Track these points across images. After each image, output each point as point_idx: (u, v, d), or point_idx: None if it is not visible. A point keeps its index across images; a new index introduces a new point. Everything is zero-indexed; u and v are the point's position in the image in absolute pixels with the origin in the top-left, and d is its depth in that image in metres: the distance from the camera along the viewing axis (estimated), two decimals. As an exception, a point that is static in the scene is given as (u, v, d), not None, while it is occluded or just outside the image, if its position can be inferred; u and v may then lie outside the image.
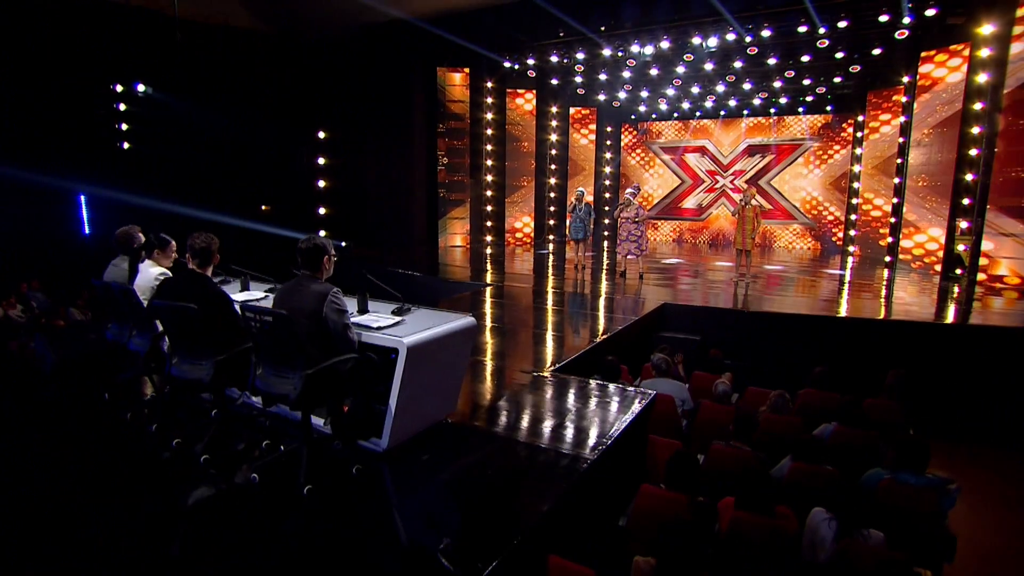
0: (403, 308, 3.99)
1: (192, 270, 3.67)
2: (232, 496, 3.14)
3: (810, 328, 7.42)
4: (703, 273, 11.97)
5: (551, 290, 9.54)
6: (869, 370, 6.05)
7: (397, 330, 3.54)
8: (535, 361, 5.72)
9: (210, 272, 3.74)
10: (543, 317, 7.71)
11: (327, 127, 14.46)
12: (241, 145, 13.14)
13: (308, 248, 3.40)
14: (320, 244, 3.42)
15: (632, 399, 4.65)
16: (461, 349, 3.92)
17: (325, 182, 14.57)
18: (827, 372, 5.53)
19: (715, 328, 7.82)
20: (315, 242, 3.41)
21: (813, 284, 10.96)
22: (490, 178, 15.18)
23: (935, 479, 3.57)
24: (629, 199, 10.20)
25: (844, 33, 10.89)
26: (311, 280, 3.36)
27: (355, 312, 3.91)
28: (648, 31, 12.08)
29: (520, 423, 4.20)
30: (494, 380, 5.28)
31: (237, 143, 12.98)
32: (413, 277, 10.58)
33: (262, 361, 3.26)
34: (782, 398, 5.08)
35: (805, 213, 15.70)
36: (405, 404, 3.51)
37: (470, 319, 3.89)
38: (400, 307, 4.00)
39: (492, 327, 7.09)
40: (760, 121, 16.06)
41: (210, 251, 3.70)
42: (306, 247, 3.40)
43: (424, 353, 3.53)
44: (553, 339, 6.54)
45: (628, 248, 10.23)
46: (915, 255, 11.39)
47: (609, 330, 6.70)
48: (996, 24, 9.45)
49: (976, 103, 9.89)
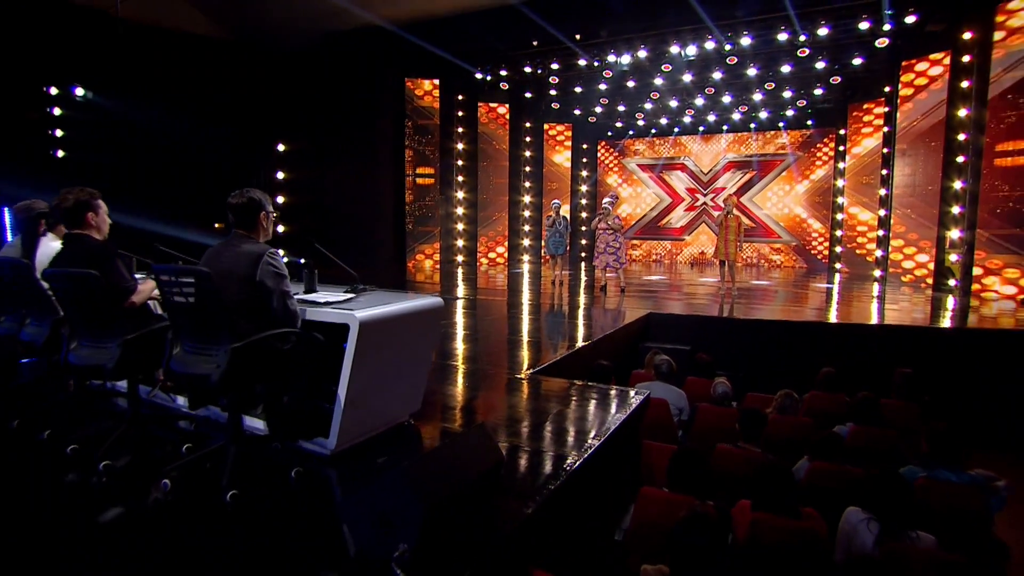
0: (358, 287, 3.54)
1: (75, 233, 3.15)
2: (135, 509, 2.59)
3: (806, 335, 7.13)
4: (686, 287, 11.72)
5: (527, 303, 9.13)
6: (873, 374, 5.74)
7: (349, 305, 3.08)
8: (511, 365, 5.26)
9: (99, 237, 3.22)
10: (518, 326, 7.27)
11: (287, 140, 14.04)
12: (193, 157, 12.60)
13: (241, 203, 2.95)
14: (256, 198, 2.98)
15: (624, 399, 4.22)
16: (426, 333, 3.47)
17: (284, 198, 14.06)
18: (834, 374, 5.20)
19: (705, 337, 7.48)
20: (249, 195, 2.97)
21: (802, 296, 10.78)
22: (461, 195, 14.88)
23: (978, 476, 3.20)
24: (607, 208, 9.95)
25: (825, 41, 11.00)
26: (244, 240, 2.90)
27: (301, 293, 3.45)
28: (625, 40, 12.08)
29: (497, 424, 3.72)
30: (466, 382, 4.80)
31: (188, 155, 12.44)
32: (378, 293, 10.07)
33: (181, 337, 2.75)
34: (789, 398, 4.71)
35: (788, 231, 15.70)
36: (358, 396, 3.03)
37: (436, 299, 3.45)
38: (355, 286, 3.54)
39: (464, 335, 6.62)
40: (740, 136, 16.17)
41: (83, 207, 3.17)
42: (238, 202, 2.96)
43: (381, 333, 3.07)
44: (530, 346, 6.10)
45: (607, 260, 9.92)
46: (905, 268, 11.33)
47: (590, 338, 6.30)
48: (976, 31, 9.61)
49: (961, 109, 9.98)
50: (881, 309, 8.97)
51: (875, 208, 12.93)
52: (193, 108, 12.54)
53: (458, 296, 9.69)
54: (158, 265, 2.69)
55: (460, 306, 8.71)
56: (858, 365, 6.12)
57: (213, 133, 12.72)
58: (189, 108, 12.45)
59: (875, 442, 3.96)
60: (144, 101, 11.57)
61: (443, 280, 12.67)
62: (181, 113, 12.18)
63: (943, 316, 8.09)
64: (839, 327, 7.29)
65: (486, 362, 5.40)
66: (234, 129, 13.27)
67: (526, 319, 7.71)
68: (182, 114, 12.19)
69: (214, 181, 13.20)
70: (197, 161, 12.69)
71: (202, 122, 12.54)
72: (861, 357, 6.52)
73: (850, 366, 5.99)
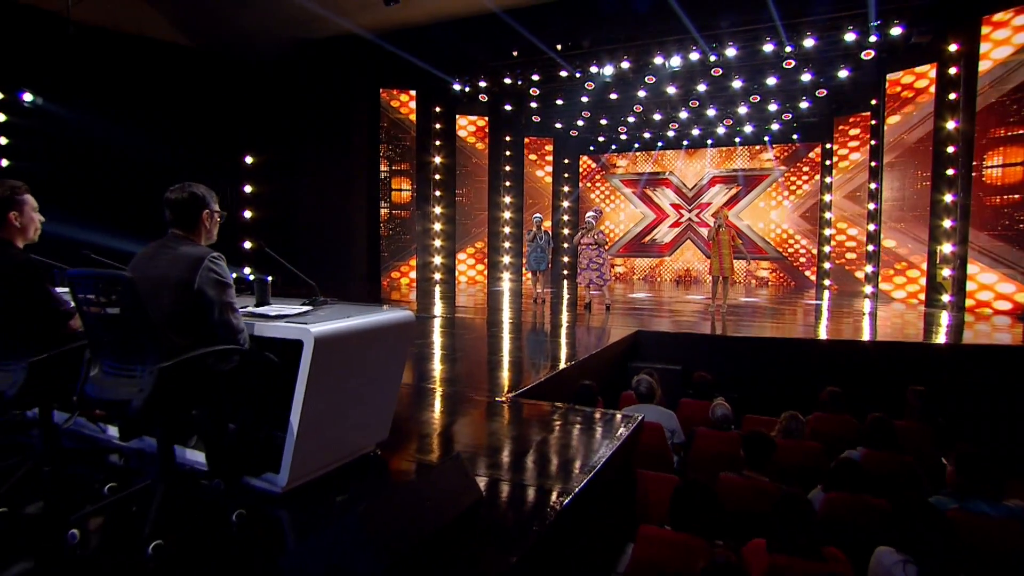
0: (317, 300, 3.18)
1: None
2: (32, 570, 2.18)
3: (804, 352, 6.91)
4: (673, 305, 11.49)
5: (508, 321, 8.80)
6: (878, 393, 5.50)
7: (304, 319, 2.73)
8: (491, 387, 4.91)
9: (21, 244, 2.83)
10: (499, 346, 6.93)
11: (255, 152, 13.65)
12: (153, 168, 12.12)
13: (181, 198, 2.60)
14: (199, 193, 2.64)
15: (615, 424, 3.89)
16: (394, 351, 3.11)
17: (252, 212, 13.63)
18: (839, 394, 4.93)
19: (698, 356, 7.20)
20: (191, 189, 2.62)
21: (793, 313, 10.61)
22: (439, 210, 14.58)
23: (1016, 508, 2.91)
24: (590, 223, 9.71)
25: (810, 53, 11.00)
26: (182, 241, 2.54)
27: (252, 306, 3.08)
28: (608, 50, 11.99)
29: (475, 453, 3.37)
30: (442, 406, 4.44)
31: (148, 167, 11.97)
32: (349, 311, 9.66)
33: (100, 357, 2.37)
34: (795, 420, 4.42)
35: (775, 247, 15.64)
36: (314, 424, 2.67)
37: (405, 312, 3.11)
38: (314, 299, 3.19)
39: (441, 355, 6.26)
40: (725, 151, 16.16)
41: (1, 205, 2.78)
42: (177, 197, 2.60)
43: (340, 350, 2.71)
44: (511, 366, 5.76)
45: (590, 277, 9.66)
46: (896, 283, 11.25)
47: (575, 357, 5.97)
48: (962, 42, 9.65)
49: (948, 121, 9.98)
50: (877, 326, 8.81)
51: (863, 223, 12.90)
52: (154, 117, 12.12)
53: (435, 315, 9.34)
54: (73, 270, 2.32)
55: (437, 325, 8.34)
56: (861, 384, 5.87)
57: (176, 144, 12.29)
58: (150, 117, 12.03)
59: (892, 469, 3.68)
60: (100, 109, 11.13)
61: (419, 298, 12.29)
62: (141, 122, 11.75)
63: (943, 332, 7.94)
64: (839, 344, 7.06)
65: (464, 384, 5.05)
66: (198, 140, 12.86)
67: (507, 338, 7.37)
68: (142, 123, 11.76)
69: (176, 195, 12.76)
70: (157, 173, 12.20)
71: (164, 132, 12.11)
72: (864, 376, 6.29)
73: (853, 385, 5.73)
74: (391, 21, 12.36)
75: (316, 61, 13.44)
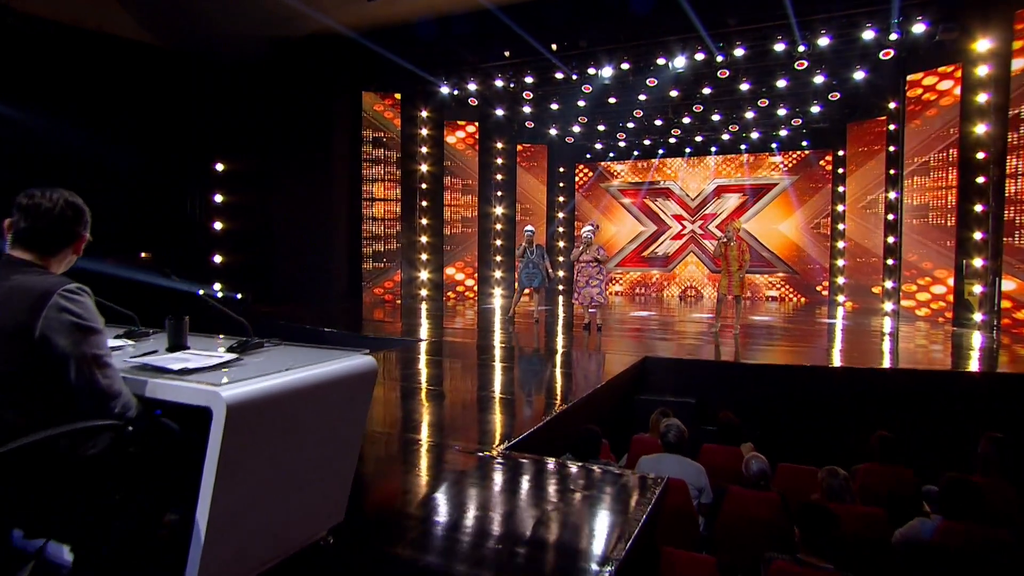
0: (248, 343, 2.48)
1: None
2: None
3: (837, 384, 6.23)
4: (679, 325, 10.85)
5: (499, 346, 8.11)
6: (934, 434, 4.85)
7: (219, 375, 2.03)
8: (481, 435, 4.23)
9: None
10: (490, 377, 6.24)
11: (227, 158, 12.97)
12: (114, 176, 11.44)
13: (48, 208, 1.89)
14: (79, 206, 1.95)
15: (633, 490, 3.21)
16: (349, 411, 2.42)
17: (223, 224, 12.91)
18: (892, 441, 4.26)
19: (713, 387, 6.55)
20: (68, 199, 1.92)
21: (812, 334, 10.00)
22: (425, 221, 13.92)
23: None
24: (589, 237, 9.07)
25: (825, 53, 10.48)
26: (26, 269, 1.83)
27: (162, 351, 2.39)
28: (606, 51, 11.43)
29: (457, 542, 2.68)
30: (421, 465, 3.74)
31: (108, 173, 11.27)
32: (325, 334, 8.95)
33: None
34: (837, 478, 3.74)
35: (785, 260, 15.06)
36: (232, 516, 1.97)
37: (364, 360, 2.42)
38: (243, 342, 2.49)
39: (426, 391, 5.56)
40: (731, 159, 15.61)
41: None
42: (43, 204, 1.89)
43: (268, 417, 2.02)
44: (503, 406, 5.06)
45: (591, 295, 9.00)
46: (919, 300, 10.66)
47: (576, 393, 5.29)
48: (993, 39, 9.14)
49: (978, 125, 9.45)
50: (913, 350, 8.18)
51: (880, 235, 12.34)
52: (116, 120, 11.44)
53: (421, 337, 8.64)
54: None
55: (423, 351, 7.64)
56: (908, 424, 5.21)
57: (139, 149, 11.61)
58: (111, 120, 11.34)
59: (981, 546, 3.00)
60: (54, 110, 10.42)
61: (404, 318, 11.60)
62: (100, 125, 11.06)
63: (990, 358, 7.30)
64: (877, 375, 6.37)
65: (449, 431, 4.36)
66: (164, 145, 12.18)
67: (499, 368, 6.68)
68: (102, 126, 11.07)
69: (138, 204, 12.04)
70: (118, 181, 11.53)
71: (126, 136, 11.43)
72: (914, 413, 5.61)
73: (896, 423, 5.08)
74: (374, 18, 11.76)
75: (293, 62, 12.81)
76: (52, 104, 10.26)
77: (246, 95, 13.00)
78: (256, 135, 13.11)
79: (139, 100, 11.86)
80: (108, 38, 11.39)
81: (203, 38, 12.40)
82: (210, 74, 12.80)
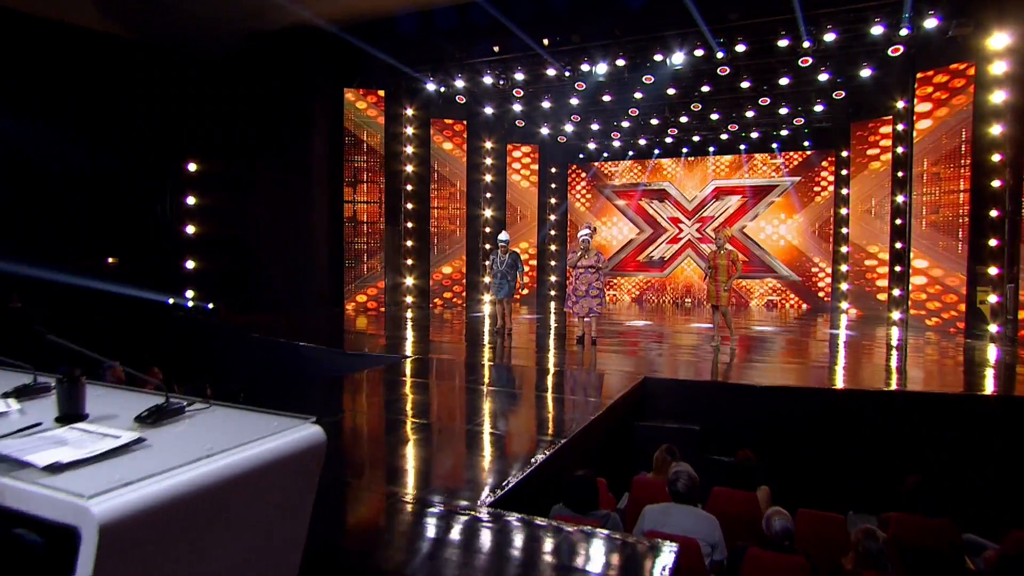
0: (164, 409, 1.98)
1: None
2: None
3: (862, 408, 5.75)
4: (678, 336, 10.42)
5: (487, 364, 7.62)
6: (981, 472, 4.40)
7: (97, 475, 1.53)
8: (467, 483, 3.75)
9: None
10: (478, 405, 5.76)
11: (200, 158, 12.41)
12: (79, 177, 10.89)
13: None
14: None
15: (643, 557, 2.75)
16: (288, 501, 1.93)
17: (196, 227, 12.36)
18: (929, 486, 3.82)
19: (719, 411, 6.10)
20: None
21: (819, 346, 9.59)
22: (410, 225, 13.41)
23: None
24: (586, 241, 8.58)
25: (830, 50, 10.07)
26: None
27: (49, 421, 1.89)
28: (601, 46, 10.96)
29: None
30: (396, 530, 3.25)
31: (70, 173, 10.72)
32: (300, 349, 8.43)
33: None
34: (874, 541, 3.26)
35: (786, 265, 14.66)
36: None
37: (309, 431, 1.92)
38: (158, 408, 1.98)
39: (411, 423, 5.06)
40: (729, 159, 15.19)
41: None
42: None
43: (164, 531, 1.52)
44: (492, 443, 4.58)
45: (589, 305, 8.52)
46: (930, 309, 10.27)
47: (570, 426, 4.81)
48: (1010, 34, 8.75)
49: (993, 126, 9.06)
50: (938, 366, 7.76)
51: (886, 240, 11.97)
52: (81, 117, 10.90)
53: (406, 354, 8.13)
54: None
55: (408, 370, 7.14)
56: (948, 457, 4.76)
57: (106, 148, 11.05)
58: (76, 117, 10.81)
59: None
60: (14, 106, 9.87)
61: (388, 329, 11.11)
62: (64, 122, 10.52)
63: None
64: (910, 398, 5.77)
65: (433, 477, 3.89)
66: (133, 144, 11.62)
67: (487, 392, 6.19)
68: (66, 123, 10.53)
69: (106, 207, 11.48)
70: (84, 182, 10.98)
71: (92, 134, 10.89)
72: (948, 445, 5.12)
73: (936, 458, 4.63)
74: (354, 10, 11.25)
75: (271, 56, 12.27)
76: (5, 98, 9.70)
77: (220, 91, 12.46)
78: (231, 134, 12.57)
79: (104, 95, 11.30)
80: (70, 28, 10.82)
81: (173, 30, 11.82)
82: (181, 69, 12.24)
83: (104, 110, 11.26)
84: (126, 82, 11.69)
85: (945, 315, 10.05)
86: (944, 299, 10.04)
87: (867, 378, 7.23)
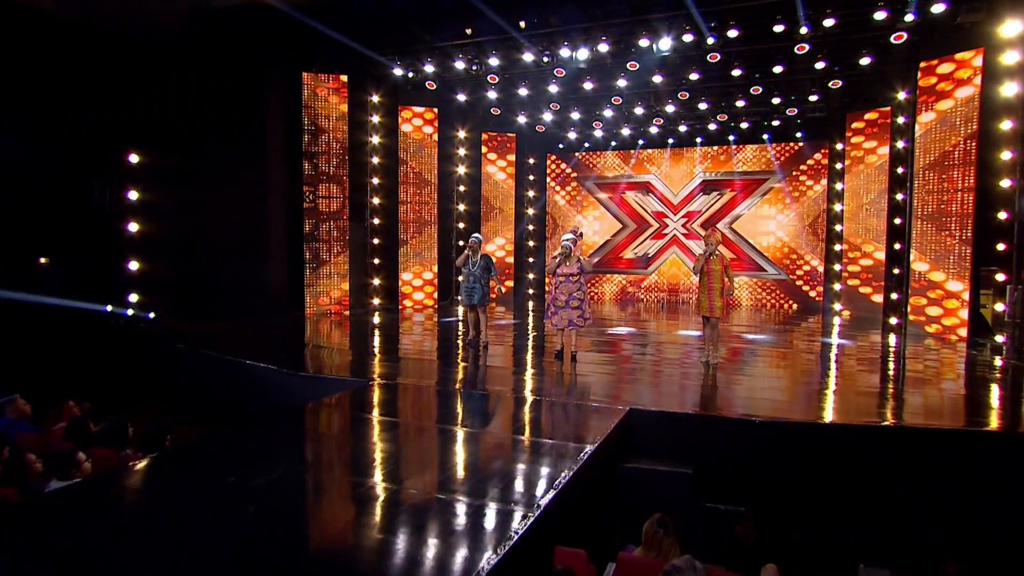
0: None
1: None
2: None
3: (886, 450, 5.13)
4: (666, 349, 9.84)
5: (458, 392, 6.90)
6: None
7: None
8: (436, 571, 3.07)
9: None
10: (446, 458, 5.03)
11: (142, 148, 11.44)
12: (3, 169, 9.95)
13: None
14: None
15: None
16: None
17: (139, 224, 11.42)
18: (964, 569, 3.24)
19: (714, 449, 5.49)
20: None
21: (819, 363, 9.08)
22: (377, 221, 12.62)
23: None
24: (568, 247, 7.87)
25: (828, 36, 9.47)
26: None
27: None
28: (582, 30, 10.25)
29: None
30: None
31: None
32: (249, 369, 7.65)
33: None
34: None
35: (775, 263, 14.15)
36: None
37: None
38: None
39: (364, 487, 4.34)
40: (717, 151, 14.59)
41: None
42: None
43: None
44: (459, 516, 3.87)
45: (569, 317, 7.85)
46: (930, 315, 9.80)
47: (542, 488, 4.14)
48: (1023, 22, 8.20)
49: (1003, 121, 8.54)
50: (976, 390, 7.20)
51: (882, 239, 11.49)
52: (3, 101, 9.92)
53: (372, 377, 7.33)
54: None
55: (374, 400, 6.40)
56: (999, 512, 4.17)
57: (32, 136, 10.09)
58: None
59: None
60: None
61: (353, 339, 10.37)
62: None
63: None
64: (948, 436, 5.13)
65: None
66: (64, 132, 10.64)
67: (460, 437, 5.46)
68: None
69: (33, 202, 10.51)
70: (12, 175, 10.02)
71: (16, 120, 9.92)
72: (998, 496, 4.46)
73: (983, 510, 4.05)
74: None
75: (220, 36, 11.29)
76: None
77: (163, 75, 11.48)
78: (177, 122, 11.62)
79: (33, 77, 10.30)
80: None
81: (110, 6, 10.81)
82: (120, 49, 11.21)
83: (33, 94, 10.27)
84: (57, 63, 10.68)
85: (947, 321, 9.59)
86: (944, 304, 9.57)
87: (874, 407, 6.56)
